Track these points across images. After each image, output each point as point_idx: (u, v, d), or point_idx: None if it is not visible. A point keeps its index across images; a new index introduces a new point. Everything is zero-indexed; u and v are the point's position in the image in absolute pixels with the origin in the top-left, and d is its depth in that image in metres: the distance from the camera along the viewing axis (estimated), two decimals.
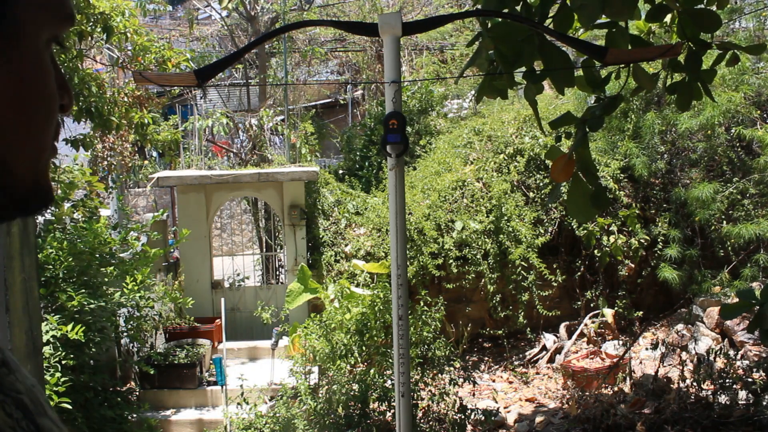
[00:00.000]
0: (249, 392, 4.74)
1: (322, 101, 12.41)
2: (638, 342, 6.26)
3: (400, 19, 1.77)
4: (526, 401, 5.60)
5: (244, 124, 8.59)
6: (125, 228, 5.02)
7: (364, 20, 10.08)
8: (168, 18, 12.96)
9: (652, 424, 4.13)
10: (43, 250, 4.05)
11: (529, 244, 6.40)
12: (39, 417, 0.49)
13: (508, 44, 2.15)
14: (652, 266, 6.59)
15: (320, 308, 5.77)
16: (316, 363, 4.67)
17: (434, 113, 8.47)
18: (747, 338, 5.32)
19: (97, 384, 4.21)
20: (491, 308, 6.57)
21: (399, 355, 1.89)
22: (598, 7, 2.03)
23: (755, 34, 6.99)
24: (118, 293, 4.50)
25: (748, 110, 6.27)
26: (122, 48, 5.11)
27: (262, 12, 9.81)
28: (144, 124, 5.37)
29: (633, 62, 2.13)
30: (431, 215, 6.54)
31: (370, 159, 8.19)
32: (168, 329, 6.00)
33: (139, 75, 1.90)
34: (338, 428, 4.16)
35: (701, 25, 2.15)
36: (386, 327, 4.65)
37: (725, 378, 4.31)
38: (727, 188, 6.31)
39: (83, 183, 4.88)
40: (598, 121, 2.35)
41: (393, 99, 1.79)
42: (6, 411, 0.46)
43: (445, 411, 4.57)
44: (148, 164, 8.78)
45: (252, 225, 8.71)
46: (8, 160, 0.46)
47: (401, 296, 1.86)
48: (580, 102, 6.74)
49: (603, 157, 6.82)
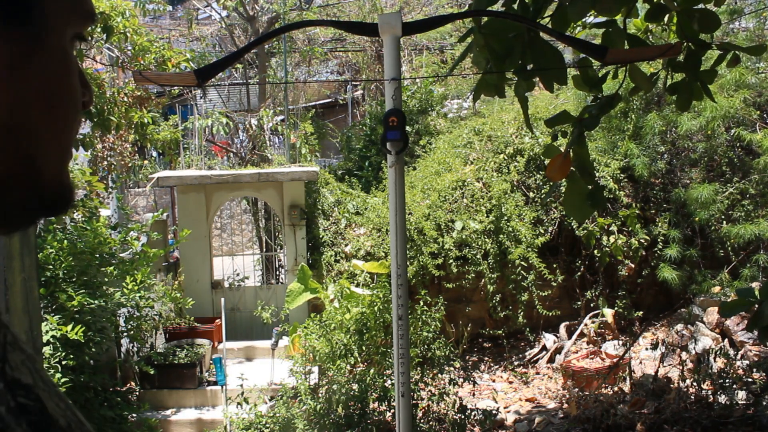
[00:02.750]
0: (249, 392, 4.74)
1: (322, 101, 12.41)
2: (638, 342, 6.26)
3: (400, 19, 1.77)
4: (526, 401, 5.60)
5: (244, 124, 8.59)
6: (125, 228, 5.02)
7: (364, 20, 10.08)
8: (168, 18, 12.96)
9: (652, 424, 4.13)
10: (43, 250, 4.05)
11: (529, 244, 6.40)
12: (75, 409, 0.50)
13: (498, 41, 2.16)
14: (652, 266, 6.59)
15: (320, 308, 5.77)
16: (316, 363, 4.67)
17: (434, 113, 8.47)
18: (747, 338, 5.32)
19: (97, 384, 4.21)
20: (491, 308, 6.57)
21: (399, 355, 1.89)
22: (588, 2, 2.03)
23: (755, 34, 6.99)
24: (118, 293, 4.49)
25: (748, 111, 6.27)
26: (122, 48, 5.11)
27: (261, 12, 9.81)
28: (144, 124, 5.37)
29: (633, 62, 2.13)
30: (431, 215, 6.54)
31: (369, 159, 8.19)
32: (168, 329, 6.00)
33: (139, 75, 1.90)
34: (338, 428, 4.16)
35: (700, 25, 2.15)
36: (386, 327, 4.65)
37: (725, 378, 4.31)
38: (727, 188, 6.31)
39: (83, 183, 4.88)
40: (594, 120, 2.35)
41: (393, 96, 1.79)
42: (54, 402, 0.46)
43: (445, 411, 4.57)
44: (148, 164, 8.78)
45: (252, 225, 8.71)
46: (38, 159, 0.46)
47: (401, 296, 1.86)
48: (580, 102, 6.74)
49: (603, 157, 6.82)
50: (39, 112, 0.45)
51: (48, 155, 0.47)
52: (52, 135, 0.47)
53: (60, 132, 0.47)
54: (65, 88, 0.47)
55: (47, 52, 0.46)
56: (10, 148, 0.44)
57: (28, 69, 0.44)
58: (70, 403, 0.50)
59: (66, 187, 0.49)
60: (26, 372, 0.45)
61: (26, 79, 0.44)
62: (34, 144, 0.46)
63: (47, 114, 0.46)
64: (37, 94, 0.45)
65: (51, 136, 0.47)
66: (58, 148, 0.48)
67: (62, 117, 0.47)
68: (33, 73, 0.45)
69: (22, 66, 0.44)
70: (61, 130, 0.48)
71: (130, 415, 4.47)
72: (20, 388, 0.43)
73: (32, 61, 0.45)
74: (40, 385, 0.46)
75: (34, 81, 0.45)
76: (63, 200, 0.49)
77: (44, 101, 0.46)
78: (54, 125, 0.47)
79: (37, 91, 0.45)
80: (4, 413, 0.39)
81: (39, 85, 0.45)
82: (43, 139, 0.46)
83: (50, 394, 0.47)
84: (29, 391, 0.44)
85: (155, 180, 6.39)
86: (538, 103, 7.42)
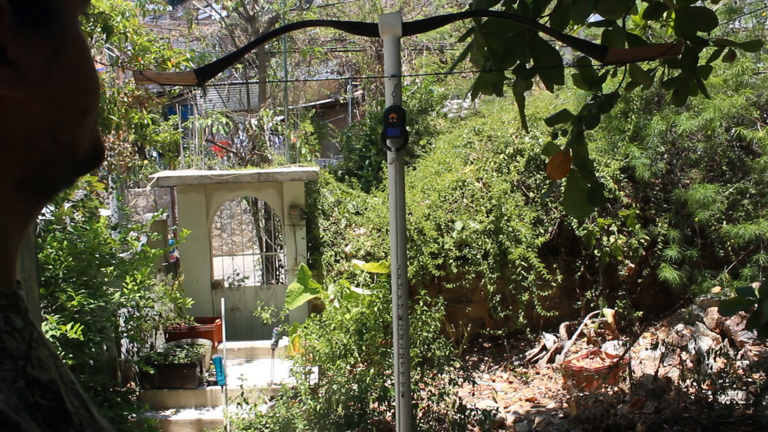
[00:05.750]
0: (249, 392, 4.74)
1: (322, 101, 12.41)
2: (638, 342, 6.26)
3: (400, 19, 1.77)
4: (526, 401, 5.59)
5: (244, 124, 8.59)
6: (125, 228, 5.01)
7: (364, 20, 10.08)
8: (168, 18, 12.96)
9: (652, 424, 4.13)
10: (43, 250, 4.05)
11: (529, 244, 6.40)
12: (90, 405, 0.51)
13: (498, 40, 2.16)
14: (652, 266, 6.59)
15: (320, 308, 5.77)
16: (315, 363, 4.67)
17: (434, 113, 8.47)
18: (747, 338, 5.32)
19: (97, 384, 4.21)
20: (491, 308, 6.57)
21: (399, 355, 1.89)
22: (590, 4, 2.03)
23: (755, 33, 6.99)
24: (118, 293, 4.49)
25: (748, 111, 6.27)
26: (122, 48, 5.11)
27: (261, 12, 9.81)
28: (143, 125, 5.37)
29: (633, 61, 2.13)
30: (431, 215, 6.54)
31: (369, 159, 8.19)
32: (168, 329, 6.00)
33: (139, 74, 1.90)
34: (338, 428, 4.16)
35: (698, 23, 2.15)
36: (386, 327, 4.65)
37: (725, 378, 4.31)
38: (726, 188, 6.31)
39: (83, 183, 4.88)
40: (594, 119, 2.35)
41: (393, 93, 1.79)
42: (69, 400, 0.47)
43: (444, 411, 4.57)
44: (148, 164, 8.78)
45: (252, 225, 8.71)
46: (77, 143, 0.50)
47: (401, 296, 1.86)
48: (580, 101, 6.74)
49: (603, 157, 6.82)
50: (72, 102, 0.48)
51: (84, 134, 0.50)
52: (84, 116, 0.50)
53: (90, 110, 0.51)
54: (88, 71, 0.50)
55: (70, 45, 0.48)
56: (50, 142, 0.47)
57: (58, 67, 0.47)
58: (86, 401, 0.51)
59: (98, 149, 0.53)
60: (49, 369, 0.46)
61: (58, 77, 0.47)
62: (71, 132, 0.49)
63: (79, 101, 0.49)
64: (68, 87, 0.48)
65: (83, 118, 0.50)
66: (90, 123, 0.51)
67: (90, 98, 0.51)
68: (63, 70, 0.47)
69: (52, 66, 0.46)
70: (91, 108, 0.51)
71: (130, 415, 4.47)
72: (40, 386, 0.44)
73: (60, 59, 0.47)
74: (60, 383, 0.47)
75: (65, 76, 0.47)
76: (95, 160, 0.53)
77: (74, 91, 0.48)
78: (86, 108, 0.50)
79: (68, 84, 0.48)
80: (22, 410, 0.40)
81: (68, 79, 0.48)
82: (77, 123, 0.49)
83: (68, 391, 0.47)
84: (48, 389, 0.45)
85: (155, 180, 6.39)
86: (538, 103, 7.42)
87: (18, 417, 0.39)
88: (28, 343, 0.46)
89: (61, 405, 0.45)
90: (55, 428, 0.43)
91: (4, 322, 0.44)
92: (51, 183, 0.50)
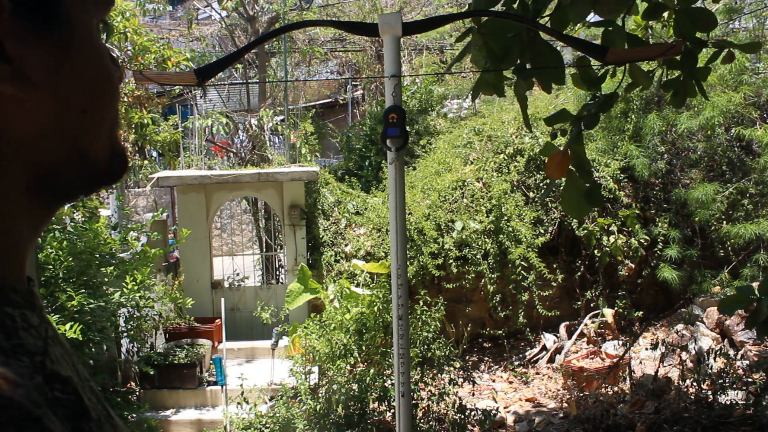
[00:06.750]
0: (249, 392, 4.74)
1: (322, 101, 12.41)
2: (638, 342, 6.26)
3: (400, 19, 1.77)
4: (526, 401, 5.59)
5: (244, 124, 8.59)
6: (125, 228, 5.01)
7: (364, 20, 10.08)
8: (168, 18, 12.96)
9: (652, 424, 4.13)
10: (43, 250, 4.05)
11: (529, 244, 6.40)
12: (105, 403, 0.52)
13: (497, 40, 2.16)
14: (652, 266, 6.59)
15: (320, 308, 5.77)
16: (315, 363, 4.67)
17: (434, 113, 8.47)
18: (747, 338, 5.32)
19: (97, 384, 4.16)
20: (491, 308, 6.57)
21: (399, 355, 1.89)
22: (588, 4, 2.03)
23: (755, 34, 6.99)
24: (118, 293, 4.49)
25: (748, 110, 6.27)
26: (122, 48, 5.11)
27: (261, 12, 9.81)
28: (143, 125, 5.37)
29: (634, 61, 2.13)
30: (431, 215, 6.54)
31: (369, 159, 8.19)
32: (168, 329, 6.00)
33: (139, 74, 1.90)
34: (338, 428, 4.16)
35: (697, 23, 2.15)
36: (386, 327, 4.65)
37: (725, 378, 4.32)
38: (726, 188, 6.31)
39: None
40: (593, 119, 2.36)
41: (393, 93, 1.79)
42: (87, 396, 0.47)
43: (444, 411, 4.57)
44: (148, 164, 8.78)
45: (252, 225, 8.71)
46: (89, 150, 0.49)
47: (401, 296, 1.86)
48: (580, 101, 6.74)
49: (603, 157, 6.82)
50: (82, 107, 0.48)
51: (98, 140, 0.50)
52: (98, 122, 0.50)
53: (105, 116, 0.50)
54: (101, 76, 0.50)
55: (79, 50, 0.48)
56: (61, 148, 0.47)
57: (64, 71, 0.47)
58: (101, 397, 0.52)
59: (118, 157, 0.53)
60: (65, 366, 0.47)
61: (65, 81, 0.47)
62: (83, 138, 0.49)
63: (90, 106, 0.49)
64: (77, 91, 0.48)
65: (97, 124, 0.50)
66: (105, 129, 0.51)
67: (104, 103, 0.50)
68: (70, 74, 0.47)
69: (59, 70, 0.46)
70: (105, 114, 0.50)
71: (130, 415, 4.46)
72: (59, 381, 0.44)
73: (67, 63, 0.47)
74: (76, 379, 0.47)
75: (73, 80, 0.47)
76: (116, 170, 0.53)
77: (85, 96, 0.48)
78: (99, 113, 0.50)
79: (77, 88, 0.47)
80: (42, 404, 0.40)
81: (77, 83, 0.47)
82: (90, 129, 0.49)
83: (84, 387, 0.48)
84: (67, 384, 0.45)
85: (155, 180, 6.39)
86: (538, 102, 7.42)
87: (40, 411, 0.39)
88: (45, 339, 0.46)
89: (80, 400, 0.45)
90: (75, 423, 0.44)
91: (21, 319, 0.45)
92: (63, 187, 0.50)
